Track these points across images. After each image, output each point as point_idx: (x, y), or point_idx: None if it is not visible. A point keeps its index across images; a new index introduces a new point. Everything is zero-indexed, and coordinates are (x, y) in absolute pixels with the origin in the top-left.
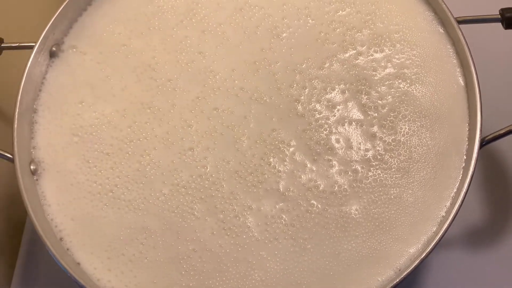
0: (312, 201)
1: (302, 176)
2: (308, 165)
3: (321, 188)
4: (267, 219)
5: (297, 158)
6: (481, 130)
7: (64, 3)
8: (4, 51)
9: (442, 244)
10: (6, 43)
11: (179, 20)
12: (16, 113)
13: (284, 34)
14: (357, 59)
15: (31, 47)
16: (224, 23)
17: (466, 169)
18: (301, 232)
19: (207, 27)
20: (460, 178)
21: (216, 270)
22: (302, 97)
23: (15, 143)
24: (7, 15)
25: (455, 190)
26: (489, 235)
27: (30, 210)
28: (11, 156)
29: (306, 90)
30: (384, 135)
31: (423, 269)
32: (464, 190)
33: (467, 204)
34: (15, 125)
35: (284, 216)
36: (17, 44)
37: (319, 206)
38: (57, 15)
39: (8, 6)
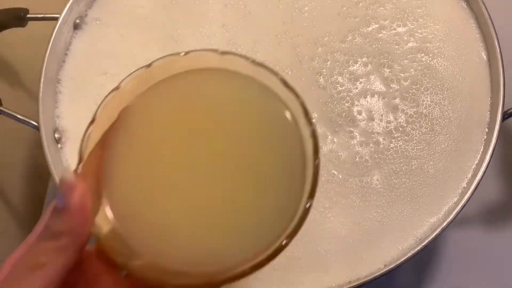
0: (333, 171)
1: (323, 147)
2: (329, 137)
3: (342, 159)
4: None
5: (319, 130)
6: (503, 103)
7: None
8: (29, 22)
9: (461, 220)
10: (31, 14)
11: None
12: (41, 82)
13: (306, 8)
14: (380, 33)
15: (56, 19)
16: None
17: (488, 141)
18: (321, 201)
19: (229, 1)
20: (481, 150)
21: None
22: (324, 70)
23: (40, 112)
24: None
25: (476, 162)
26: (506, 213)
27: (55, 175)
28: (36, 124)
29: (328, 63)
30: (406, 107)
31: (442, 244)
32: (486, 161)
33: (485, 183)
34: (40, 94)
35: None
36: (42, 15)
37: (339, 176)
38: None
39: None
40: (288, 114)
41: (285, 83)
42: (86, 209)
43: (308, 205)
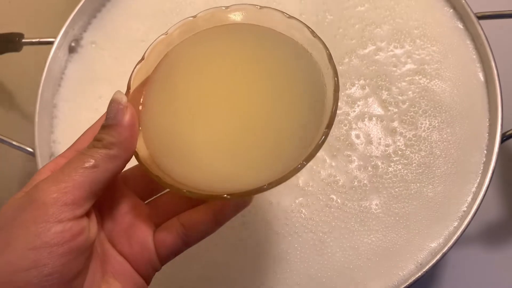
0: (332, 196)
1: (322, 172)
2: (328, 161)
3: (340, 183)
4: (287, 213)
5: (317, 154)
6: (501, 125)
7: (83, 0)
8: (24, 47)
9: (461, 241)
10: (27, 39)
11: None
12: (37, 107)
13: None
14: (377, 55)
15: (51, 43)
16: None
17: (487, 164)
18: (320, 226)
19: None
20: (481, 172)
21: (237, 262)
22: None
23: (36, 137)
24: (27, 11)
25: (476, 185)
26: (508, 233)
27: None
28: (31, 150)
29: None
30: (405, 130)
31: (441, 266)
32: (485, 184)
33: (485, 201)
34: (36, 120)
35: (303, 210)
36: (38, 40)
37: (338, 200)
38: (77, 11)
39: (28, 2)
40: (313, 56)
41: (313, 33)
42: (135, 126)
43: (325, 134)
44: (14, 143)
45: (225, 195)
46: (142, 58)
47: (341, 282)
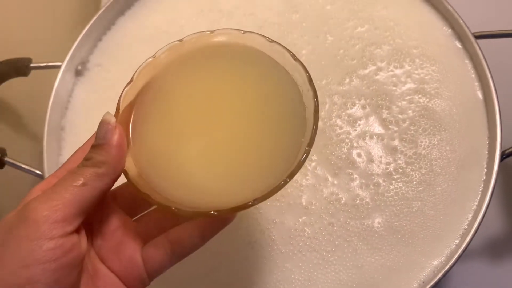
0: (334, 214)
1: (324, 190)
2: (330, 179)
3: (342, 202)
4: (291, 232)
5: (319, 172)
6: (501, 143)
7: (89, 24)
8: (32, 71)
9: (464, 256)
10: (35, 63)
11: None
12: (45, 131)
13: (304, 51)
14: (377, 75)
15: (58, 67)
16: None
17: (487, 181)
18: (324, 244)
19: None
20: (481, 190)
21: (242, 281)
22: (323, 113)
23: (45, 160)
24: (35, 36)
25: (476, 202)
26: (510, 247)
27: None
28: (40, 173)
29: (327, 106)
30: (405, 148)
31: (444, 281)
32: (486, 202)
33: (487, 217)
34: (44, 143)
35: (307, 229)
36: (45, 64)
37: (341, 219)
38: (83, 35)
39: (36, 27)
40: (295, 78)
41: (294, 56)
42: (124, 146)
43: (306, 152)
44: (24, 166)
45: (212, 212)
46: (131, 80)
47: None
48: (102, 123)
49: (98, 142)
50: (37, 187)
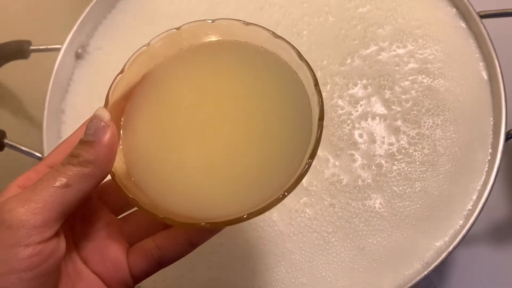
0: (336, 195)
1: (325, 171)
2: (331, 160)
3: (344, 183)
4: (291, 213)
5: (320, 154)
6: (506, 123)
7: (89, 6)
8: (32, 54)
9: (467, 239)
10: (34, 46)
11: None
12: (45, 114)
13: (305, 32)
14: (379, 55)
15: (58, 49)
16: None
17: (491, 162)
18: (324, 226)
19: None
20: (486, 171)
21: (243, 261)
22: (324, 94)
23: (45, 143)
24: (34, 18)
25: (481, 183)
26: None
27: None
28: (40, 155)
29: (328, 87)
30: (408, 129)
31: (448, 265)
32: (490, 183)
33: (491, 200)
34: (44, 125)
35: (307, 210)
36: (45, 47)
37: (342, 200)
38: (83, 18)
39: (35, 10)
40: (300, 77)
41: (299, 55)
42: (115, 146)
43: (308, 164)
44: (23, 148)
45: (203, 224)
46: (122, 71)
47: (346, 281)
48: (94, 119)
49: (87, 139)
50: (14, 183)
